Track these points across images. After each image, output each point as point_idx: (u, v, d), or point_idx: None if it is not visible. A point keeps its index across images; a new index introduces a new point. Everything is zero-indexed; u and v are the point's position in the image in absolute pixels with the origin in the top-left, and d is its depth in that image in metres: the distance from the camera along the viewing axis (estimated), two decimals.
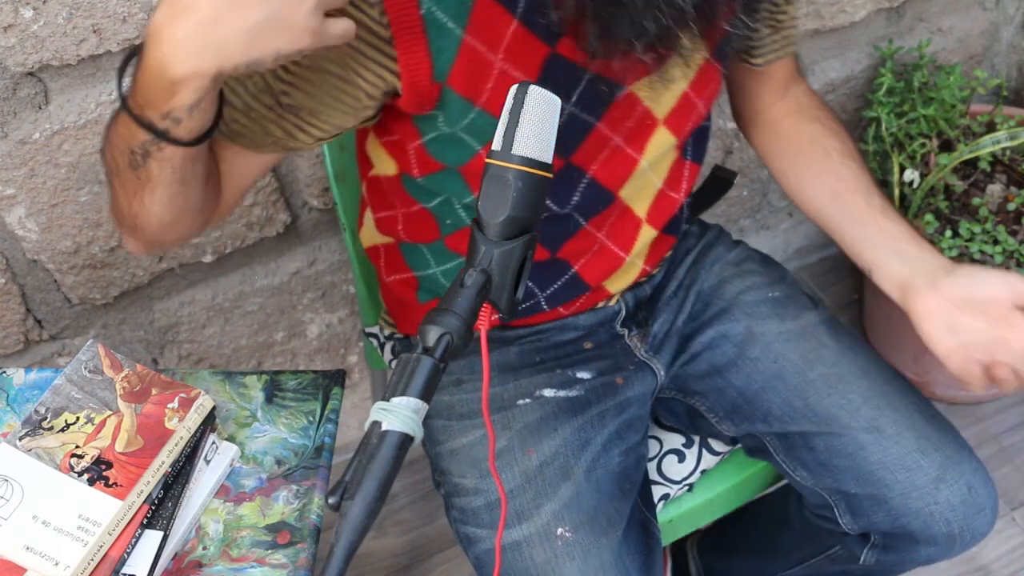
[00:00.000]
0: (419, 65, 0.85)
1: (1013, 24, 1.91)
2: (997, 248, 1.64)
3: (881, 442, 1.06)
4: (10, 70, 1.11)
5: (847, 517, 1.10)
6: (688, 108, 1.01)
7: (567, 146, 0.96)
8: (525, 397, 1.10)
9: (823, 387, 1.10)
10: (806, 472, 1.11)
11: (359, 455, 0.66)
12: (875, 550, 1.12)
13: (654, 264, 1.17)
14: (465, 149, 0.94)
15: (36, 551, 0.86)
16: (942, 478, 1.04)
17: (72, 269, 1.31)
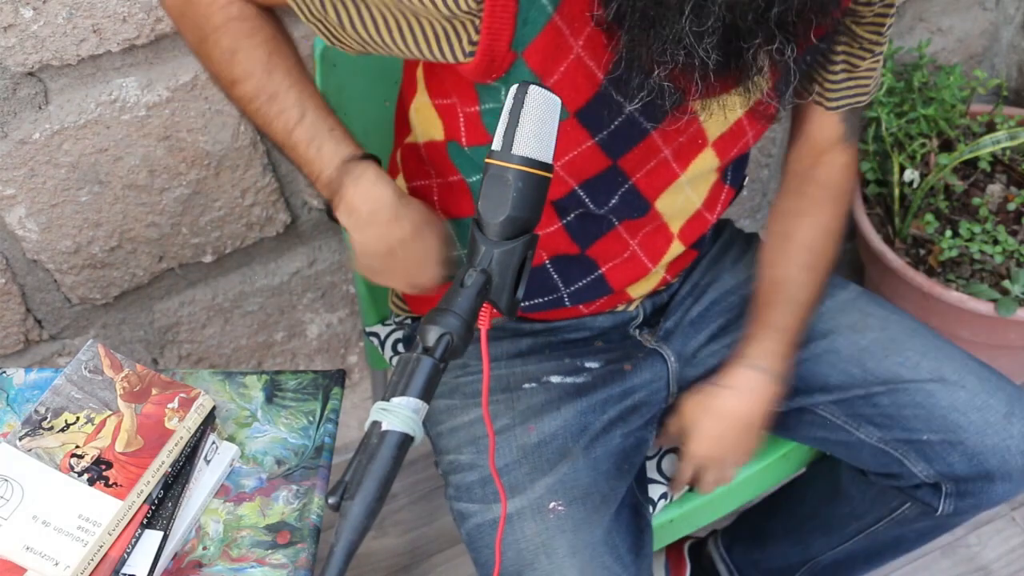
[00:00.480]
0: (502, 29, 0.84)
1: (1013, 24, 1.91)
2: (997, 248, 1.64)
3: (948, 388, 1.08)
4: (10, 70, 1.11)
5: (920, 464, 1.10)
6: (739, 135, 1.02)
7: (618, 148, 0.96)
8: (531, 381, 1.11)
9: (878, 350, 1.12)
10: (872, 427, 1.11)
11: (359, 455, 0.66)
12: (951, 497, 1.11)
13: (675, 274, 1.18)
14: None
15: (36, 551, 0.86)
16: (1012, 412, 1.07)
17: (72, 269, 1.31)
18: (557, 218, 1.03)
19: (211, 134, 1.26)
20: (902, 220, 1.71)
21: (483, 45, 0.85)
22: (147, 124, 1.22)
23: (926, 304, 1.64)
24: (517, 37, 0.85)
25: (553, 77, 0.88)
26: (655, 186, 1.03)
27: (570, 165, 0.97)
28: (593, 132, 0.94)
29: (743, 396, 1.10)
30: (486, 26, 0.84)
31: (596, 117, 0.93)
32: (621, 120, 0.93)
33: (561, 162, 0.96)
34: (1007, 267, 1.64)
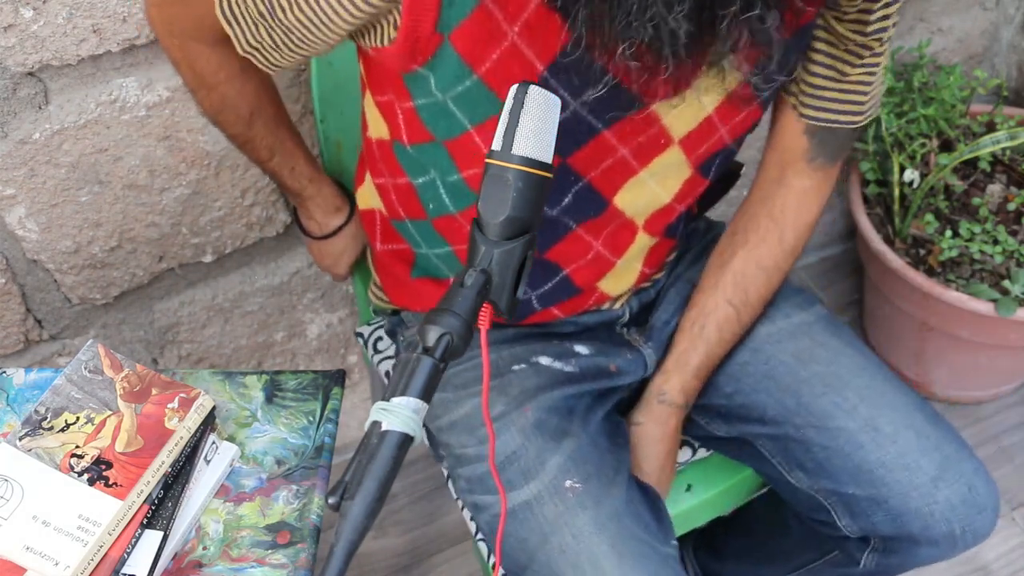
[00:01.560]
0: (424, 12, 0.80)
1: (1013, 24, 1.91)
2: (997, 248, 1.64)
3: (879, 441, 1.05)
4: (10, 70, 1.11)
5: (846, 519, 1.08)
6: (708, 132, 0.97)
7: (565, 146, 0.92)
8: (520, 363, 1.09)
9: (818, 385, 1.08)
10: (802, 473, 1.10)
11: (359, 455, 0.66)
12: (875, 553, 1.10)
13: (655, 267, 1.15)
14: (454, 123, 0.90)
15: (36, 551, 0.86)
16: (941, 477, 1.03)
17: (72, 269, 1.31)
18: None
19: (211, 134, 1.26)
20: (902, 220, 1.71)
21: (405, 26, 0.81)
22: (147, 124, 1.22)
23: (926, 304, 1.64)
24: (442, 18, 0.81)
25: (484, 65, 0.84)
26: (613, 183, 0.98)
27: None
28: None
29: (660, 430, 1.12)
30: (406, 10, 0.80)
31: None
32: (566, 116, 0.88)
33: None
34: (1007, 267, 1.64)
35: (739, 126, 1.00)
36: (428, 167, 0.98)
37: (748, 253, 1.10)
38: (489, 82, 0.86)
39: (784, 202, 1.09)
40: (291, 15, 0.85)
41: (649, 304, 1.19)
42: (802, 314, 1.15)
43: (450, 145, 0.93)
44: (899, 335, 1.80)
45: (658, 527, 1.02)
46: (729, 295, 1.10)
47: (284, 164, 1.14)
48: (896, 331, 1.80)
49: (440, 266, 1.09)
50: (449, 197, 0.99)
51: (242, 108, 1.06)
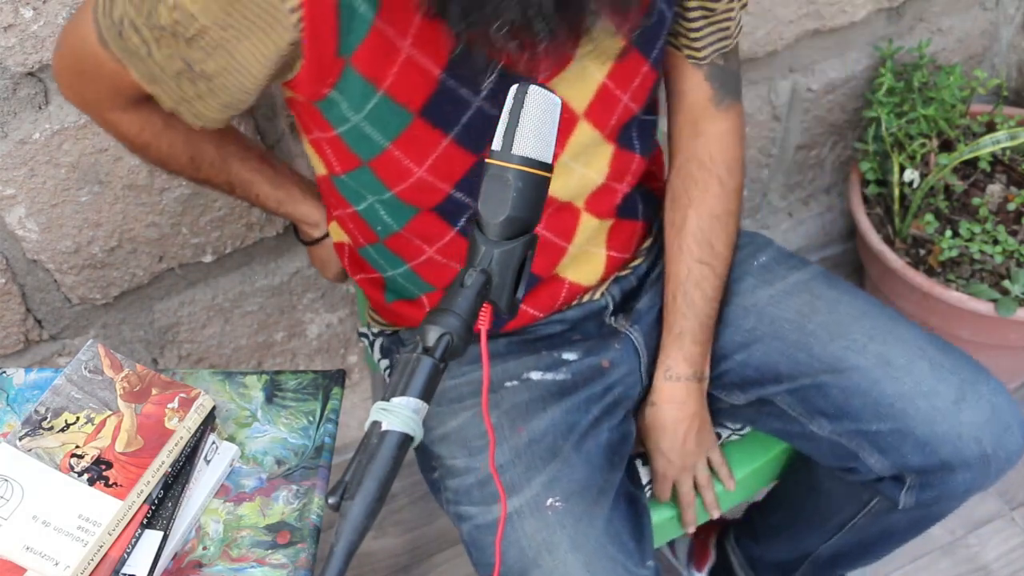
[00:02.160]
0: (326, 42, 0.84)
1: (1013, 24, 1.91)
2: (997, 248, 1.64)
3: (893, 374, 1.06)
4: (10, 70, 1.11)
5: (875, 457, 1.08)
6: (609, 101, 1.00)
7: (478, 141, 0.94)
8: (512, 379, 1.10)
9: (823, 334, 1.10)
10: (824, 420, 1.10)
11: (359, 455, 0.66)
12: (912, 490, 1.09)
13: (625, 251, 1.16)
14: (373, 143, 0.93)
15: (36, 551, 0.86)
16: (963, 399, 1.04)
17: (72, 269, 1.31)
18: (448, 226, 1.02)
19: None
20: (902, 220, 1.71)
21: (308, 54, 0.84)
22: None
23: (926, 304, 1.64)
24: (341, 45, 0.85)
25: (387, 80, 0.88)
26: None
27: (435, 169, 0.96)
28: (446, 129, 0.93)
29: (674, 408, 1.13)
30: (308, 41, 0.83)
31: (442, 114, 0.92)
32: (472, 113, 0.92)
33: (426, 167, 0.95)
34: (1007, 267, 1.64)
35: (639, 90, 1.02)
36: (363, 192, 1.01)
37: (697, 209, 1.11)
38: (394, 95, 0.89)
39: (708, 150, 1.12)
40: (210, 64, 0.87)
41: (632, 291, 1.19)
42: (798, 273, 1.16)
43: (374, 165, 0.96)
44: None
45: (636, 547, 1.03)
46: (697, 255, 1.11)
47: (247, 193, 1.14)
48: None
49: (407, 286, 1.11)
50: (390, 216, 1.02)
51: (180, 158, 1.07)
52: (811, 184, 1.96)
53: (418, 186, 0.97)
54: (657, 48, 1.00)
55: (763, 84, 1.71)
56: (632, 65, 0.99)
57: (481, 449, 1.06)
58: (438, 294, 1.11)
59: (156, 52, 0.87)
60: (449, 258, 1.06)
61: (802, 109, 1.78)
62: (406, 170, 0.95)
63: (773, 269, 1.17)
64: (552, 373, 1.11)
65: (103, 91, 0.97)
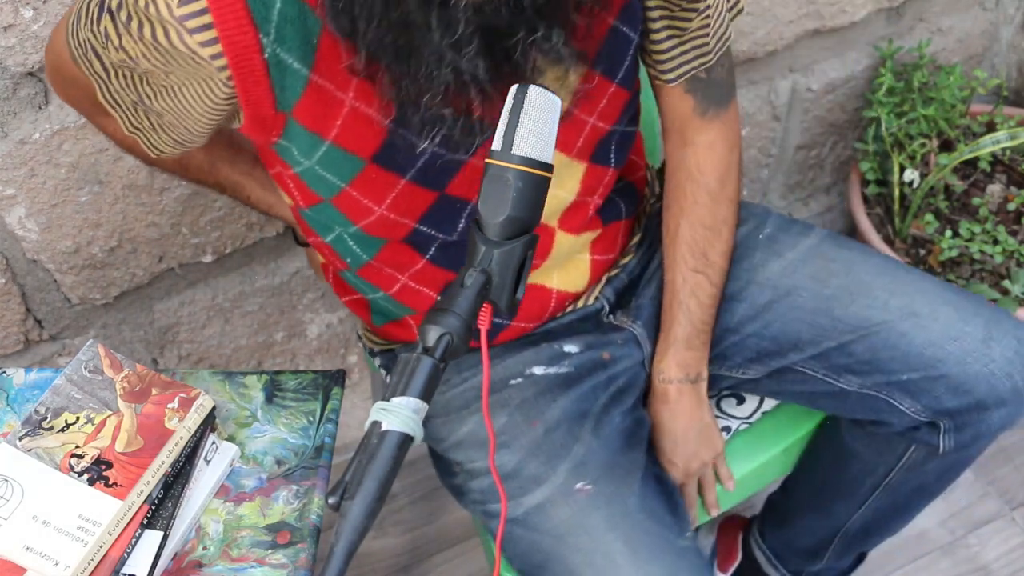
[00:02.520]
0: (261, 99, 0.83)
1: (1013, 24, 1.91)
2: (997, 248, 1.64)
3: (921, 323, 1.06)
4: (10, 70, 1.11)
5: (908, 401, 1.08)
6: (576, 126, 0.98)
7: (437, 180, 0.93)
8: (516, 377, 1.10)
9: (844, 296, 1.10)
10: (852, 376, 1.10)
11: (359, 455, 0.66)
12: (950, 433, 1.10)
13: (610, 252, 1.15)
14: (330, 184, 0.93)
15: (36, 551, 0.86)
16: (991, 336, 1.05)
17: (72, 269, 1.31)
18: (419, 255, 1.02)
19: None
20: (902, 220, 1.71)
21: (246, 109, 0.85)
22: None
23: None
24: (279, 101, 0.84)
25: (332, 132, 0.88)
26: None
27: (396, 207, 0.95)
28: (401, 172, 0.92)
29: (668, 410, 1.13)
30: (243, 98, 0.83)
31: (395, 160, 0.91)
32: (426, 158, 0.91)
33: (386, 206, 0.94)
34: (1007, 267, 1.64)
35: (608, 110, 1.00)
36: (331, 224, 1.01)
37: (688, 219, 1.11)
38: (342, 144, 0.89)
39: (696, 160, 1.10)
40: (157, 103, 0.88)
41: (626, 289, 1.18)
42: (806, 240, 1.16)
43: (336, 203, 0.96)
44: None
45: (673, 520, 1.03)
46: (691, 264, 1.11)
47: (238, 195, 1.15)
48: None
49: (391, 309, 1.11)
50: (359, 247, 1.02)
51: (167, 162, 1.07)
52: (811, 184, 1.96)
53: (381, 222, 0.96)
54: (624, 67, 0.98)
55: (763, 84, 1.71)
56: (596, 89, 0.97)
57: (499, 447, 1.06)
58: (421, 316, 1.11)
59: (113, 80, 0.89)
60: (423, 285, 1.05)
61: (802, 109, 1.78)
62: (367, 208, 0.95)
63: (780, 239, 1.16)
64: (555, 367, 1.11)
65: (86, 99, 0.98)
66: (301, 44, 0.81)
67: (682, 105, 1.07)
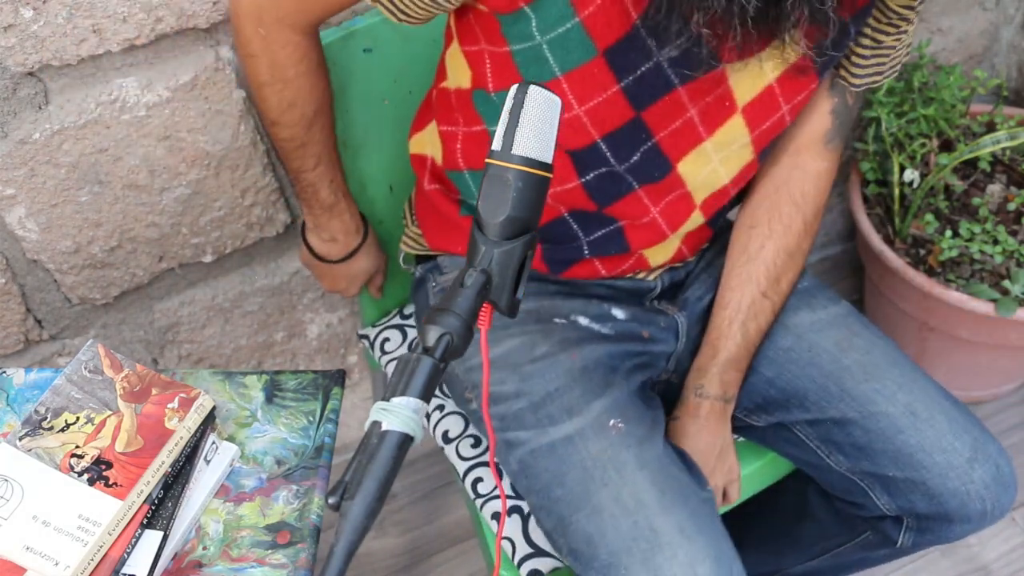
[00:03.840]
0: None
1: (1013, 24, 1.91)
2: (997, 248, 1.64)
3: (918, 425, 1.08)
4: (10, 70, 1.11)
5: (884, 498, 1.11)
6: (769, 104, 1.00)
7: (643, 98, 0.95)
8: (561, 318, 1.12)
9: (859, 372, 1.11)
10: (842, 457, 1.12)
11: (359, 455, 0.66)
12: (911, 532, 1.13)
13: (691, 249, 1.17)
14: (545, 69, 0.93)
15: (36, 551, 0.86)
16: (975, 458, 1.07)
17: (72, 269, 1.31)
18: (576, 175, 1.02)
19: (211, 134, 1.26)
20: (902, 220, 1.71)
21: None
22: (147, 124, 1.22)
23: (926, 304, 1.64)
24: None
25: (587, 10, 0.88)
26: (679, 147, 1.01)
27: (594, 113, 0.96)
28: (620, 76, 0.93)
29: (697, 424, 1.14)
30: None
31: (624, 59, 0.92)
32: (649, 67, 0.92)
33: (585, 108, 0.95)
34: (1007, 267, 1.64)
35: (799, 104, 1.03)
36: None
37: (777, 242, 1.12)
38: (588, 27, 0.89)
39: (803, 187, 1.12)
40: None
41: (678, 283, 1.21)
42: (836, 307, 1.18)
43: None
44: (899, 335, 1.79)
45: (692, 476, 1.05)
46: (764, 287, 1.12)
47: (326, 175, 1.15)
48: (896, 331, 1.80)
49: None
50: None
51: (309, 106, 1.07)
52: None
53: (570, 124, 0.97)
54: (830, 71, 1.02)
55: None
56: (803, 81, 1.00)
57: (533, 374, 1.07)
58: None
59: None
60: (559, 202, 1.05)
61: None
62: (566, 105, 0.94)
63: (815, 296, 1.18)
64: (598, 324, 1.13)
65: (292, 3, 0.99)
66: None
67: (819, 125, 1.10)
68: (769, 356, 1.15)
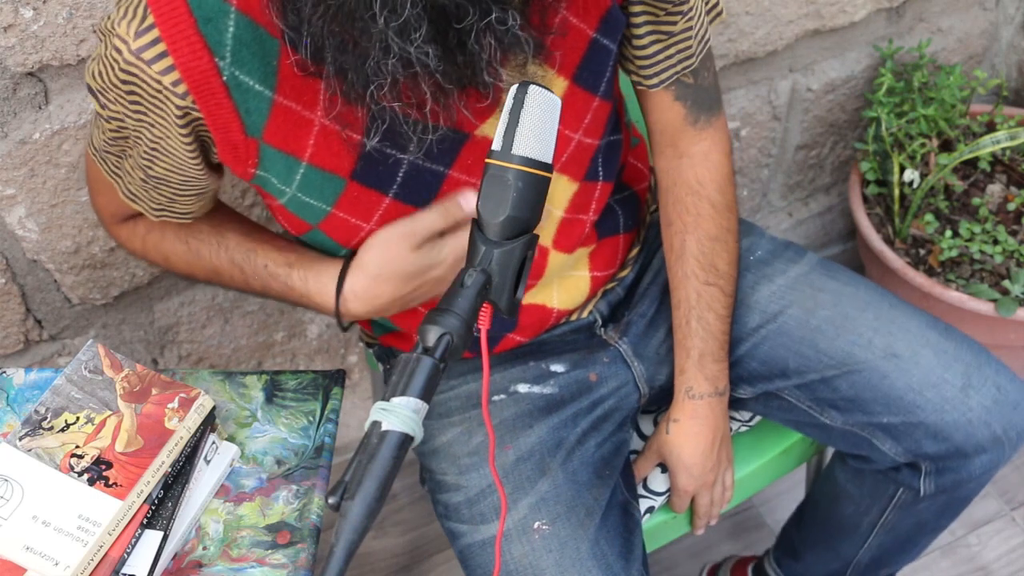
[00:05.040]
0: (228, 122, 0.84)
1: (1013, 24, 1.91)
2: (997, 248, 1.64)
3: (901, 366, 1.07)
4: (10, 70, 1.11)
5: (889, 443, 1.09)
6: (563, 143, 0.97)
7: (419, 195, 0.93)
8: (500, 393, 1.10)
9: (830, 329, 1.10)
10: (835, 411, 1.11)
11: (359, 455, 0.66)
12: (930, 476, 1.11)
13: (608, 267, 1.15)
14: (316, 209, 0.93)
15: (36, 551, 0.86)
16: (969, 385, 1.05)
17: (72, 269, 1.31)
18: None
19: None
20: (902, 220, 1.71)
21: (217, 139, 0.85)
22: None
23: (926, 304, 1.64)
24: (248, 124, 0.84)
25: (307, 152, 0.87)
26: None
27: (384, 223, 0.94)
28: (384, 189, 0.91)
29: (698, 424, 1.13)
30: (209, 122, 0.84)
31: (376, 175, 0.90)
32: (406, 170, 0.90)
33: (373, 222, 0.94)
34: (1007, 267, 1.64)
35: (593, 124, 0.99)
36: (324, 250, 1.00)
37: (694, 233, 1.10)
38: (319, 164, 0.89)
39: (694, 172, 1.10)
40: (157, 169, 0.90)
41: (620, 303, 1.19)
42: (796, 267, 1.16)
43: (324, 228, 0.96)
44: None
45: (624, 566, 1.02)
46: (703, 278, 1.11)
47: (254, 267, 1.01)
48: None
49: (385, 322, 1.12)
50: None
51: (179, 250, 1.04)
52: (811, 184, 1.96)
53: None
54: (606, 79, 0.97)
55: (763, 84, 1.71)
56: (579, 104, 0.96)
57: (470, 467, 1.06)
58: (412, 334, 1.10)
59: (125, 165, 0.93)
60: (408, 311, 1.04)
61: (802, 109, 1.78)
62: (356, 227, 0.94)
63: (771, 263, 1.17)
64: (539, 386, 1.11)
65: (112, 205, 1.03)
66: (261, 66, 0.82)
67: (672, 114, 1.06)
68: (739, 337, 1.14)
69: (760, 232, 1.21)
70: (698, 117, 1.07)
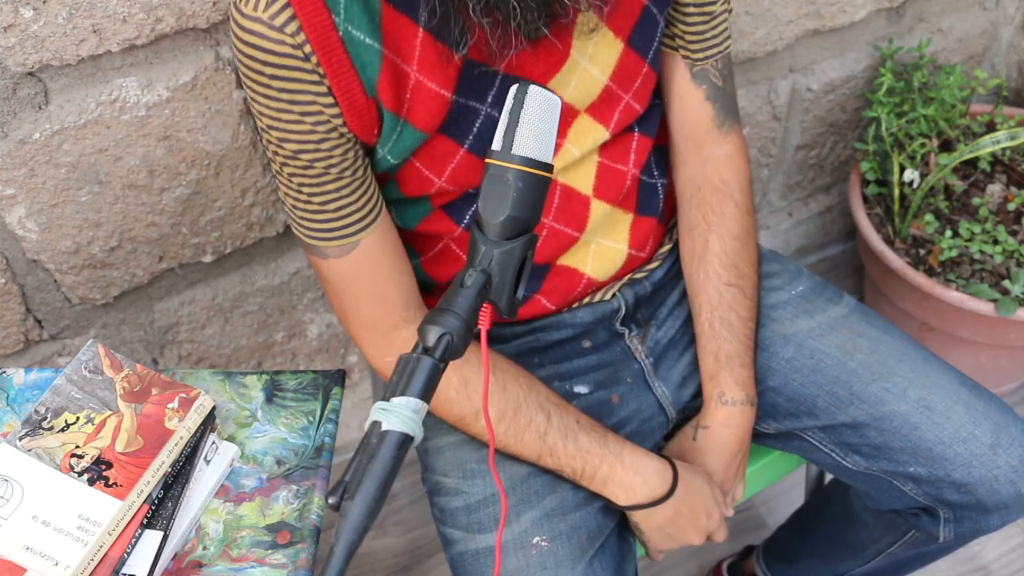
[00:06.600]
0: (350, 83, 0.87)
1: (1013, 24, 1.91)
2: (997, 248, 1.64)
3: (933, 419, 1.07)
4: (10, 70, 1.11)
5: (911, 485, 1.09)
6: (612, 101, 1.02)
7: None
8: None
9: (866, 374, 1.10)
10: (859, 457, 1.11)
11: (359, 455, 0.66)
12: (949, 524, 1.11)
13: (642, 248, 1.14)
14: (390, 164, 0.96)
15: (36, 551, 0.86)
16: (998, 443, 1.06)
17: (72, 269, 1.31)
18: (454, 224, 1.03)
19: (211, 134, 1.26)
20: (902, 220, 1.71)
21: (343, 105, 0.88)
22: (147, 124, 1.21)
23: (926, 304, 1.64)
24: (366, 83, 0.87)
25: (404, 108, 0.90)
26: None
27: (453, 178, 0.97)
28: (460, 141, 0.95)
29: (728, 433, 1.12)
30: (334, 84, 0.86)
31: (457, 128, 0.94)
32: (481, 121, 0.94)
33: (444, 177, 0.97)
34: (1007, 267, 1.64)
35: (641, 91, 1.04)
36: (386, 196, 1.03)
37: (718, 232, 1.12)
38: (412, 121, 0.92)
39: (719, 173, 1.13)
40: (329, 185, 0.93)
41: (645, 298, 1.17)
42: (836, 308, 1.17)
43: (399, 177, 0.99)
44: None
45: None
46: (725, 278, 1.11)
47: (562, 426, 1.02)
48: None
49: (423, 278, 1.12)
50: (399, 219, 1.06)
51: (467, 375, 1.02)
52: (811, 184, 1.96)
53: (440, 191, 1.00)
54: (653, 48, 1.02)
55: (763, 84, 1.71)
56: (632, 66, 1.01)
57: (474, 474, 1.05)
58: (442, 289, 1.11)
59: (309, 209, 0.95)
60: (462, 248, 1.06)
61: (802, 109, 1.78)
62: (428, 180, 0.97)
63: (812, 300, 1.17)
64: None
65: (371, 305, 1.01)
66: (368, 20, 0.86)
67: (702, 114, 1.10)
68: (772, 367, 1.14)
69: (799, 269, 1.22)
70: (724, 120, 1.11)
